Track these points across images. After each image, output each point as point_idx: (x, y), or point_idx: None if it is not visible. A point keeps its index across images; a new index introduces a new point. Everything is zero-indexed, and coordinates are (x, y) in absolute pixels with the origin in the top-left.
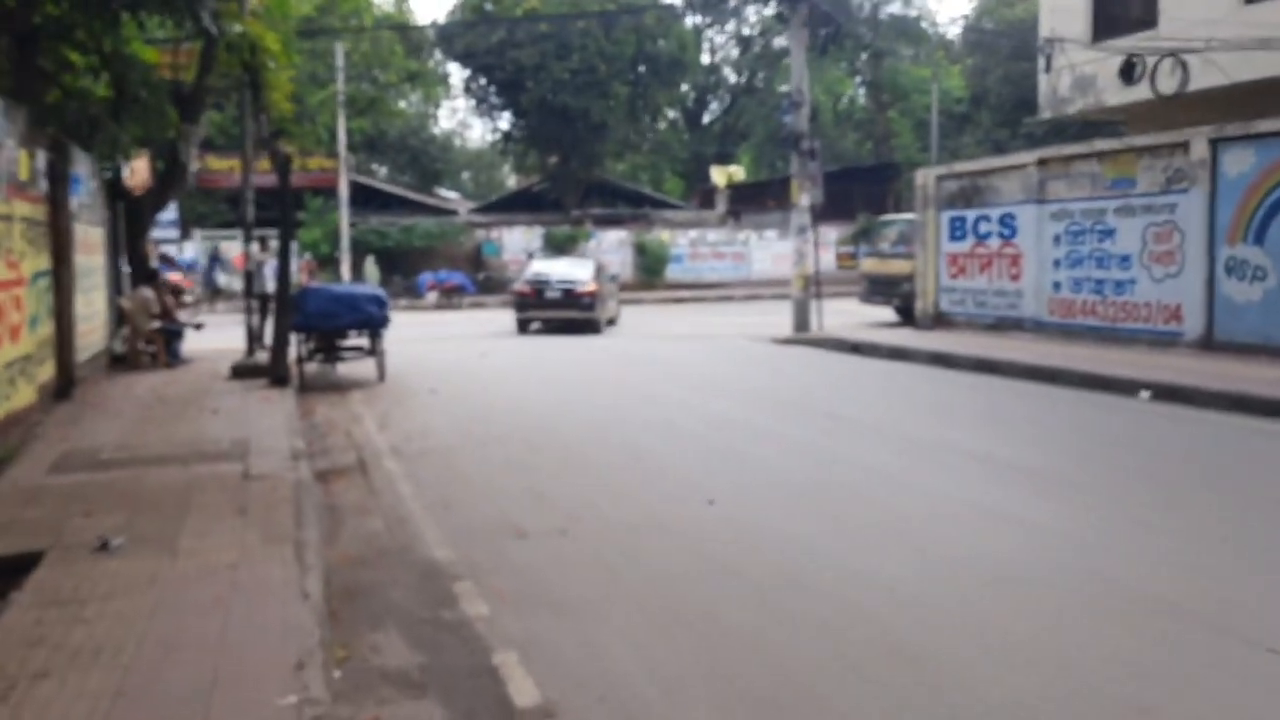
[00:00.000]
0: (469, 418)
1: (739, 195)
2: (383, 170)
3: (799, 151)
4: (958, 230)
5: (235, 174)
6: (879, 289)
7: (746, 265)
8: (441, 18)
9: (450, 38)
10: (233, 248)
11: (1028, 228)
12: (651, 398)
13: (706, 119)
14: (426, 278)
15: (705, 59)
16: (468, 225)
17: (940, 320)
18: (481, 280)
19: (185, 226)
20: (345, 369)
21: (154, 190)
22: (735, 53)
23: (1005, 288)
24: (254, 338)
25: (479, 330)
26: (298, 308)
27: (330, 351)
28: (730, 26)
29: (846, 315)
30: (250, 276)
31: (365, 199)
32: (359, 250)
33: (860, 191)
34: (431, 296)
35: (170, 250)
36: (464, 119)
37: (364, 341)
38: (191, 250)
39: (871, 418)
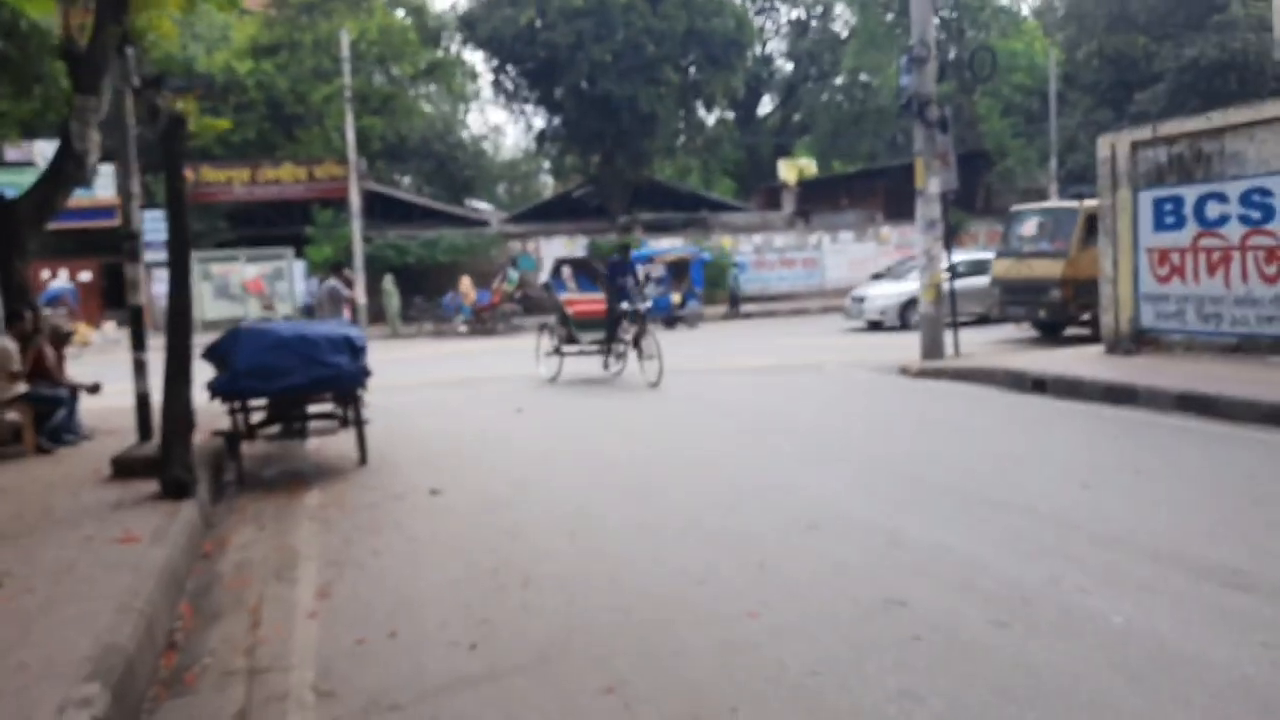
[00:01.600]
0: (490, 563)
1: (807, 194)
2: (405, 181)
3: (924, 121)
4: (1169, 216)
5: (235, 186)
6: (1017, 298)
7: (819, 273)
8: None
9: (473, 22)
10: (231, 270)
11: None
12: (821, 506)
13: (760, 113)
14: (453, 299)
15: (755, 49)
16: (500, 237)
17: (1142, 339)
18: (518, 299)
19: None
20: (321, 440)
21: (36, 192)
22: (784, 44)
23: (1257, 294)
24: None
25: (513, 364)
26: (222, 360)
27: (285, 421)
28: (783, 9)
29: (967, 332)
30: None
31: (383, 210)
32: (375, 268)
33: None
34: (460, 319)
35: None
36: (497, 125)
37: (333, 407)
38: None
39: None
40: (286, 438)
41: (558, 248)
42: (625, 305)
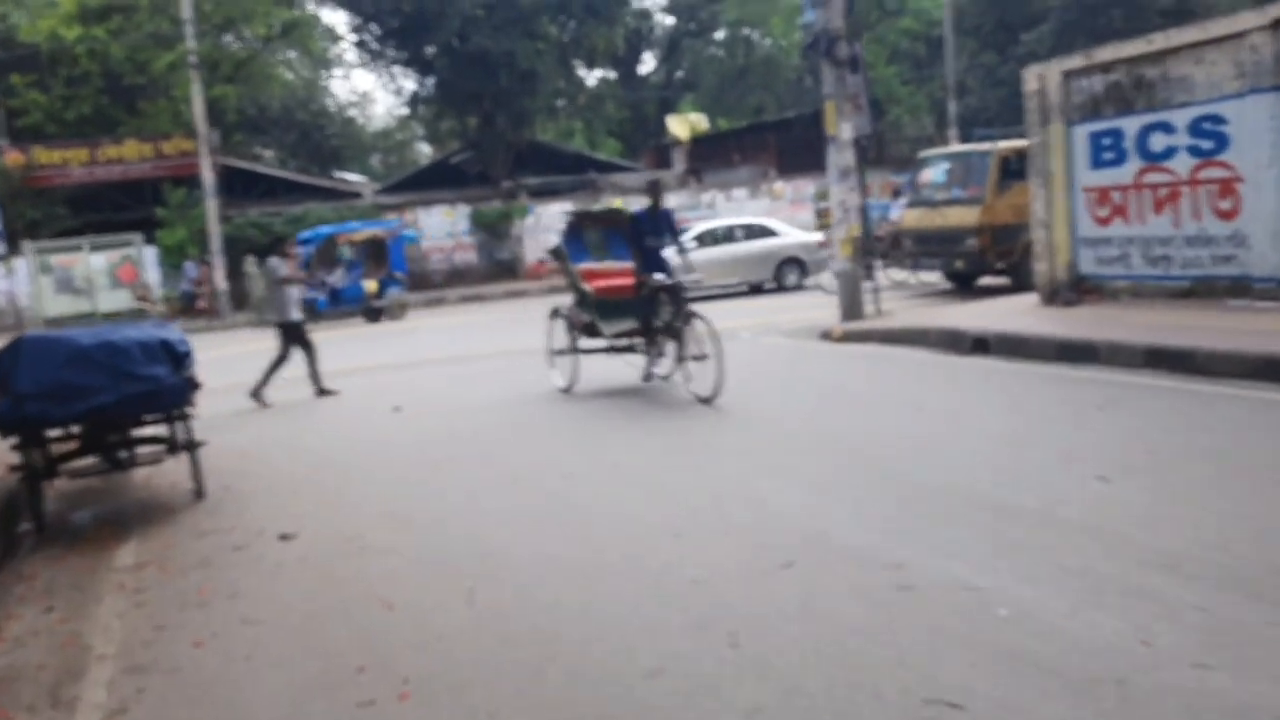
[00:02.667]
0: (355, 654)
1: (697, 152)
2: (268, 155)
3: (834, 60)
4: (1108, 151)
5: (72, 168)
6: (929, 249)
7: None
8: None
9: None
10: (74, 261)
11: (1252, 133)
12: (792, 529)
13: (641, 71)
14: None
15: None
16: (374, 209)
17: (1082, 288)
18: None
19: (13, 239)
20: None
21: None
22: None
23: (1211, 232)
24: None
25: (402, 352)
26: (0, 381)
27: (100, 451)
28: None
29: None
30: None
31: (244, 187)
32: (237, 250)
33: None
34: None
35: None
36: (365, 91)
37: (157, 430)
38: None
39: None
40: (104, 471)
41: (438, 218)
42: (660, 277)
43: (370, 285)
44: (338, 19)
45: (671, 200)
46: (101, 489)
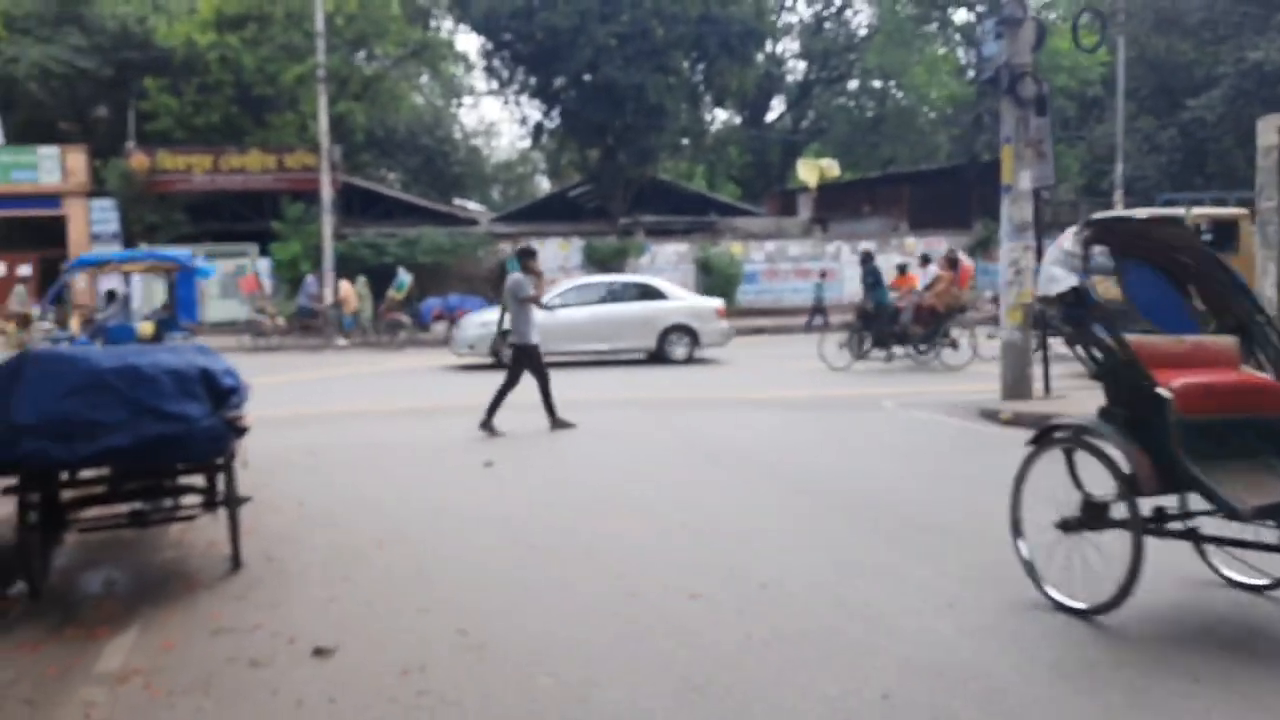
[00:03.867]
0: None
1: (825, 200)
2: (391, 177)
3: (1017, 99)
4: None
5: (195, 175)
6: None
7: (837, 285)
8: None
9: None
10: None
11: None
12: None
13: (768, 118)
14: (433, 304)
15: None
16: (489, 237)
17: None
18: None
19: (130, 240)
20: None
21: None
22: (797, 44)
23: None
24: None
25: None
26: None
27: (116, 500)
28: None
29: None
30: None
31: (362, 206)
32: (350, 269)
33: (974, 194)
34: (439, 329)
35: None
36: (492, 122)
37: (191, 480)
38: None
39: None
40: (119, 526)
41: (552, 250)
42: None
43: (145, 328)
44: (470, 43)
45: (792, 250)
46: (132, 540)
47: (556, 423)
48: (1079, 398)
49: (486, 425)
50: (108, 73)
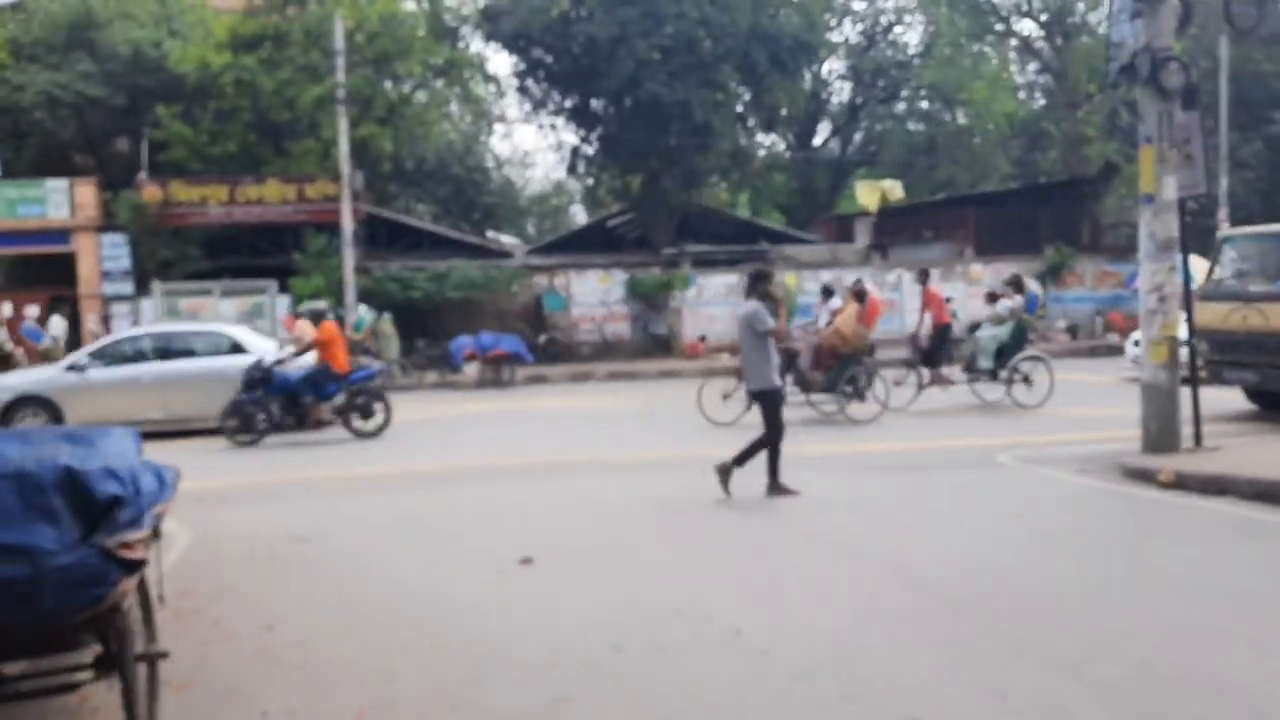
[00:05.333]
0: None
1: (882, 225)
2: (421, 209)
3: (1160, 89)
4: None
5: (211, 206)
6: (1239, 357)
7: (898, 317)
8: None
9: (496, 15)
10: (203, 306)
11: None
12: None
13: (815, 143)
14: (464, 343)
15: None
16: (524, 270)
17: None
18: (543, 344)
19: (143, 279)
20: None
21: None
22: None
23: None
24: None
25: (535, 439)
26: None
27: None
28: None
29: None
30: None
31: (389, 238)
32: (375, 304)
33: (1044, 216)
34: (470, 370)
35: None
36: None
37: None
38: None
39: None
40: None
41: (591, 284)
42: None
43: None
44: (502, 65)
45: (850, 278)
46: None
47: (777, 487)
48: (1238, 449)
49: (776, 486)
50: (120, 101)
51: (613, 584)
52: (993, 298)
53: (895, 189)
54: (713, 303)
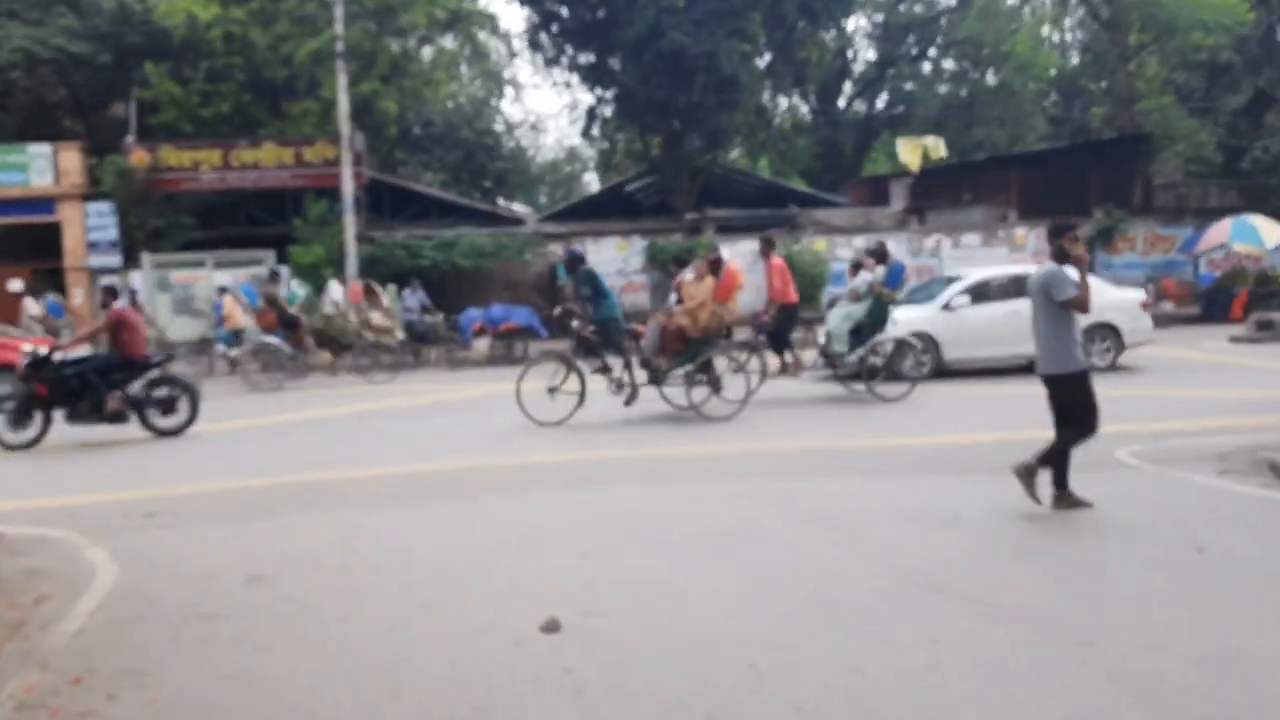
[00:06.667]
0: None
1: (918, 188)
2: (429, 178)
3: None
4: None
5: (203, 171)
6: None
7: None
8: None
9: None
10: (196, 279)
11: None
12: None
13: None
14: (473, 316)
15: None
16: (537, 238)
17: None
18: (556, 317)
19: (131, 250)
20: None
21: None
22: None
23: None
24: None
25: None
26: None
27: None
28: None
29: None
30: None
31: (395, 205)
32: (380, 274)
33: (1094, 177)
34: (481, 345)
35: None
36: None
37: None
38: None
39: None
40: None
41: (609, 251)
42: None
43: None
44: (513, 20)
45: (886, 244)
46: None
47: (1063, 496)
48: None
49: (1063, 498)
50: (105, 59)
51: (677, 660)
52: (856, 269)
53: (938, 146)
54: (743, 269)
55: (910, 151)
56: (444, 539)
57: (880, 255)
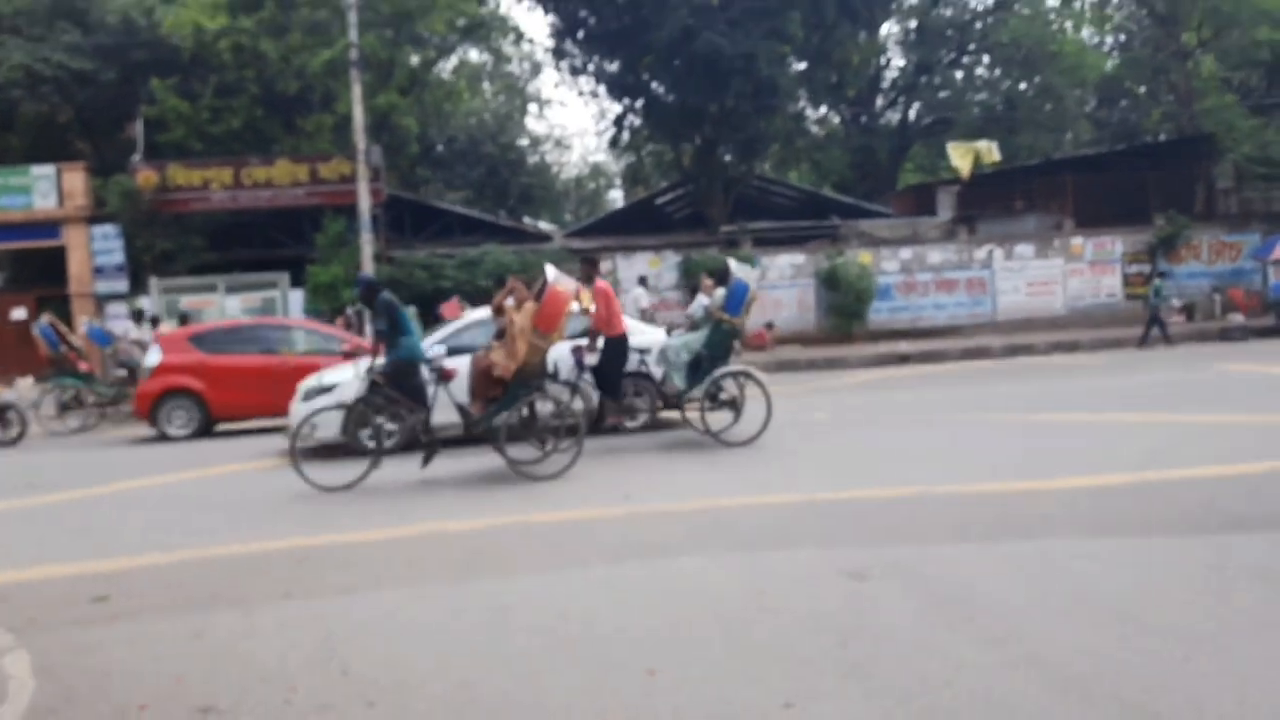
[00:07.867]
0: None
1: (966, 196)
2: (457, 196)
3: None
4: None
5: (213, 191)
6: None
7: (988, 299)
8: None
9: None
10: (207, 304)
11: None
12: None
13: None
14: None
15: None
16: (564, 254)
17: None
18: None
19: (139, 274)
20: None
21: None
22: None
23: None
24: None
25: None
26: None
27: None
28: None
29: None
30: None
31: (416, 222)
32: (401, 296)
33: (1152, 181)
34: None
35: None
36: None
37: None
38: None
39: None
40: None
41: (640, 266)
42: None
43: None
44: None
45: (934, 256)
46: None
47: None
48: None
49: None
50: (109, 75)
51: None
52: (694, 292)
53: (992, 150)
54: (779, 285)
55: (962, 156)
56: (446, 640)
57: (721, 277)
